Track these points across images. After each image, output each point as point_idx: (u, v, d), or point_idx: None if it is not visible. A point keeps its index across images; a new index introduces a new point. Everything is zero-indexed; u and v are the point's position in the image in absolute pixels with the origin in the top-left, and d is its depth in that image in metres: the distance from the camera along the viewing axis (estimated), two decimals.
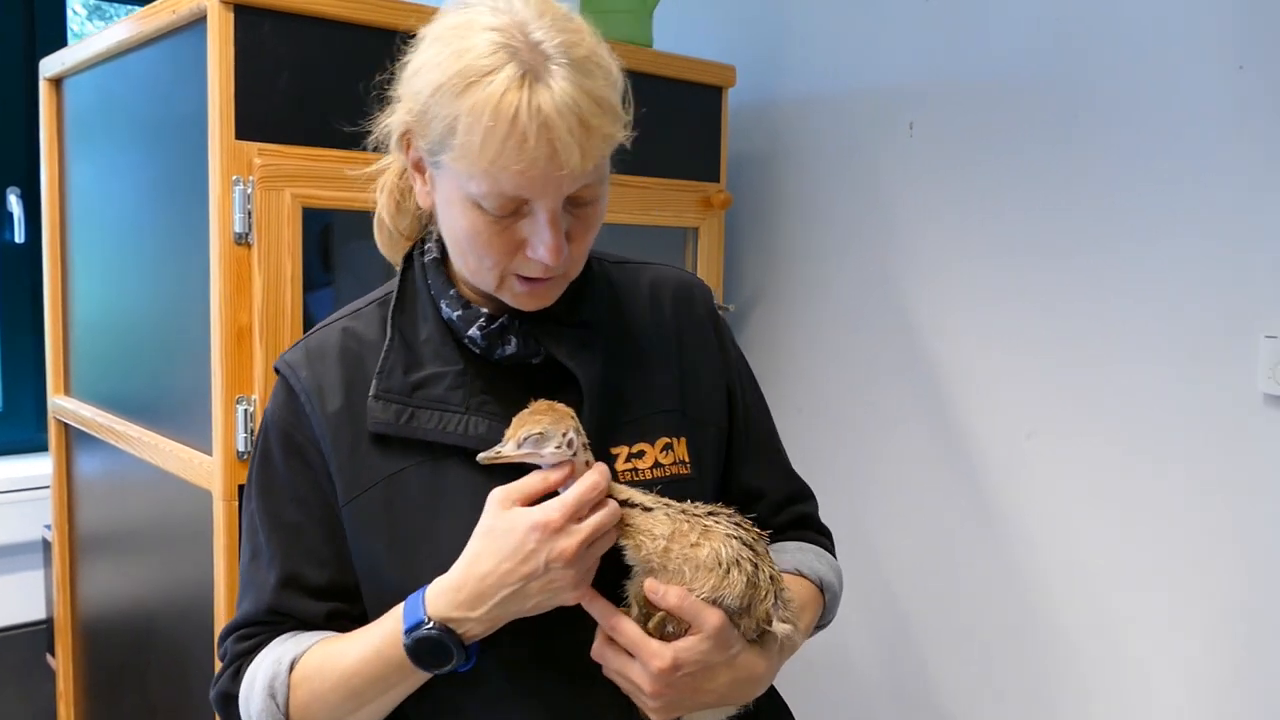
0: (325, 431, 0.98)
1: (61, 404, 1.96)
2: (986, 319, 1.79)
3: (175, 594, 1.62)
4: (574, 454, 0.91)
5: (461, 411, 0.96)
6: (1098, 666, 1.67)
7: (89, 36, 1.74)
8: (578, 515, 0.88)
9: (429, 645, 0.90)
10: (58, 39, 2.50)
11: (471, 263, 0.94)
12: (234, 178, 1.36)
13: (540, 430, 0.90)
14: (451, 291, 1.00)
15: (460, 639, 0.90)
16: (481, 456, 0.91)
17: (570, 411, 0.92)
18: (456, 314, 0.99)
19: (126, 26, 1.58)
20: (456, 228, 0.93)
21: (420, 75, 0.89)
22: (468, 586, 0.89)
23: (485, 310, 0.99)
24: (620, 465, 0.99)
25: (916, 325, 1.89)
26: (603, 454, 0.98)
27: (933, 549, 1.88)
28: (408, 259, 1.05)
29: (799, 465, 1.20)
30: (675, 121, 1.90)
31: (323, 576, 0.99)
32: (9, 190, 2.45)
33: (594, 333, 1.02)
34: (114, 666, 1.90)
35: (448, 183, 0.91)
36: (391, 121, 0.95)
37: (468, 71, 0.84)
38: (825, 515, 1.21)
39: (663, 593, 0.91)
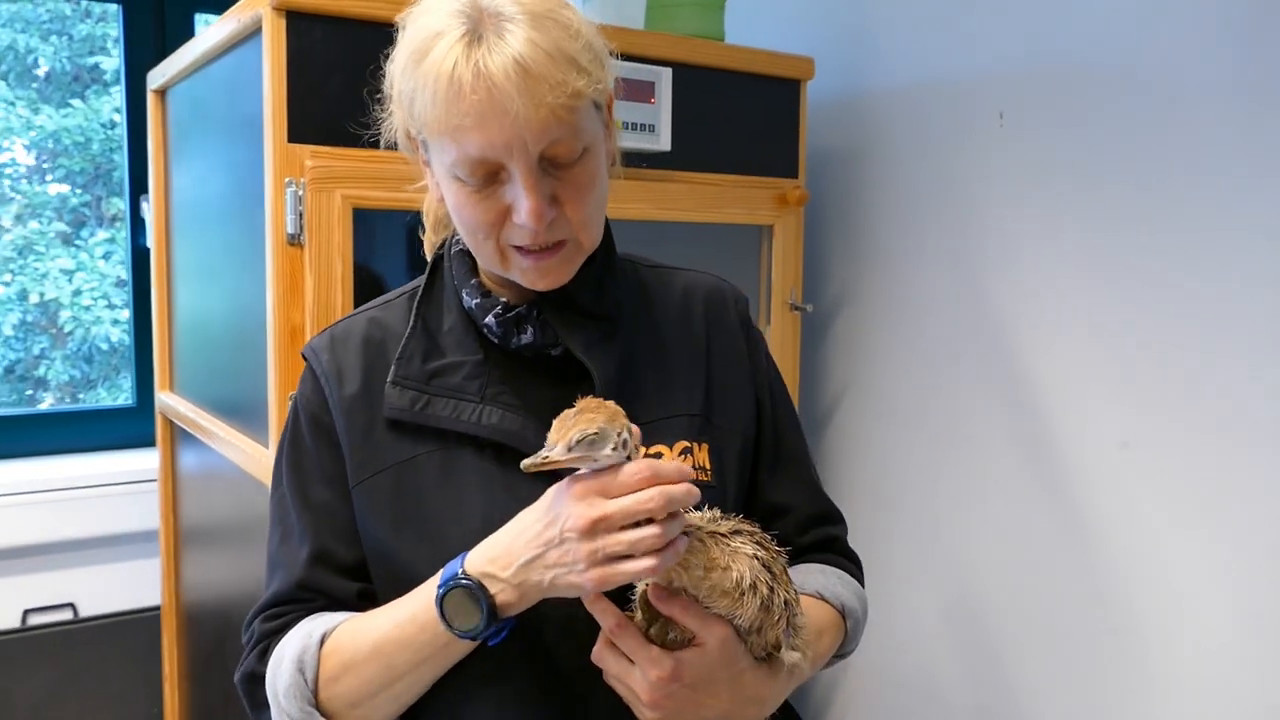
0: (340, 414, 0.99)
1: (166, 400, 2.06)
2: (1081, 323, 1.67)
3: (249, 586, 1.67)
4: (628, 455, 0.84)
5: (476, 401, 0.96)
6: (1201, 700, 1.53)
7: (182, 47, 1.82)
8: (607, 492, 0.82)
9: (460, 597, 0.87)
10: None
11: (471, 241, 0.94)
12: (286, 179, 1.39)
13: (596, 430, 0.81)
14: (473, 280, 1.00)
15: (492, 600, 0.87)
16: (526, 464, 0.83)
17: (621, 410, 0.86)
18: (475, 302, 0.99)
19: (208, 36, 1.64)
20: (450, 206, 0.93)
21: (394, 61, 0.91)
22: (501, 543, 0.88)
23: (504, 299, 0.99)
24: None
25: (1007, 327, 1.78)
26: None
27: (1023, 561, 1.77)
28: (439, 253, 1.06)
29: (885, 471, 1.14)
30: (749, 117, 1.85)
31: (353, 555, 1.00)
32: (141, 198, 2.60)
33: (616, 327, 1.00)
34: (206, 653, 1.98)
35: (435, 162, 0.92)
36: (395, 120, 0.97)
37: (420, 42, 0.86)
38: (911, 524, 1.14)
39: (668, 598, 0.87)
